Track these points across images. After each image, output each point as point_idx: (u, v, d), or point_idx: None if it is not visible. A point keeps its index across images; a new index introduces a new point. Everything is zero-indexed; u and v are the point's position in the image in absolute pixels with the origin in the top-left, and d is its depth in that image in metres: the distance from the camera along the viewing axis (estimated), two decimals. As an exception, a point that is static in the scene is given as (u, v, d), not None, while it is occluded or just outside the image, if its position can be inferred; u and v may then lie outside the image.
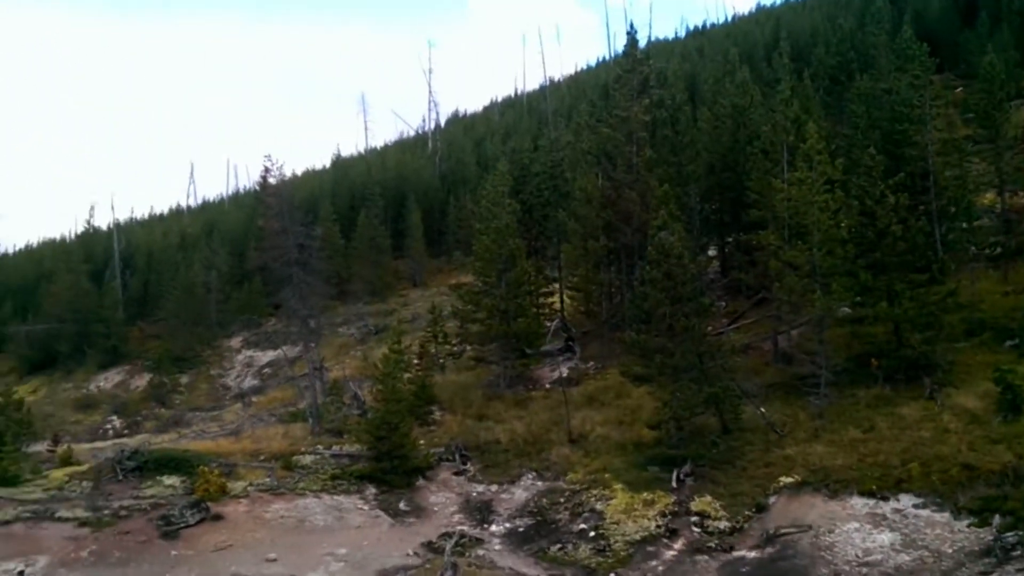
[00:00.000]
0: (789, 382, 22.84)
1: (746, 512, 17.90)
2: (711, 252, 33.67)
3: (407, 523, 19.59)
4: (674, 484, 19.18)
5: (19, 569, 16.14)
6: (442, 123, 71.04)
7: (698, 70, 53.66)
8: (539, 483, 21.22)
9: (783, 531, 16.86)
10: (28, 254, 65.73)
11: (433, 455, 23.09)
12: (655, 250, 21.04)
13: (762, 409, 21.18)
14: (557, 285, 32.71)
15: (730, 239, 32.41)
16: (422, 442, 23.79)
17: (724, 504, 18.27)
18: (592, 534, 17.91)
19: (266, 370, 41.55)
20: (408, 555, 16.90)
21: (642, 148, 28.90)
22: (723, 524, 17.69)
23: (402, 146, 70.62)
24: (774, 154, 25.37)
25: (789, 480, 18.29)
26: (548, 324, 30.93)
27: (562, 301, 32.46)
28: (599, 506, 19.00)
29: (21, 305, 52.41)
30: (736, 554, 16.68)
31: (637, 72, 29.72)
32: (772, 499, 18.04)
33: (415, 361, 28.76)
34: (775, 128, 25.84)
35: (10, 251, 65.17)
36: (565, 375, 27.24)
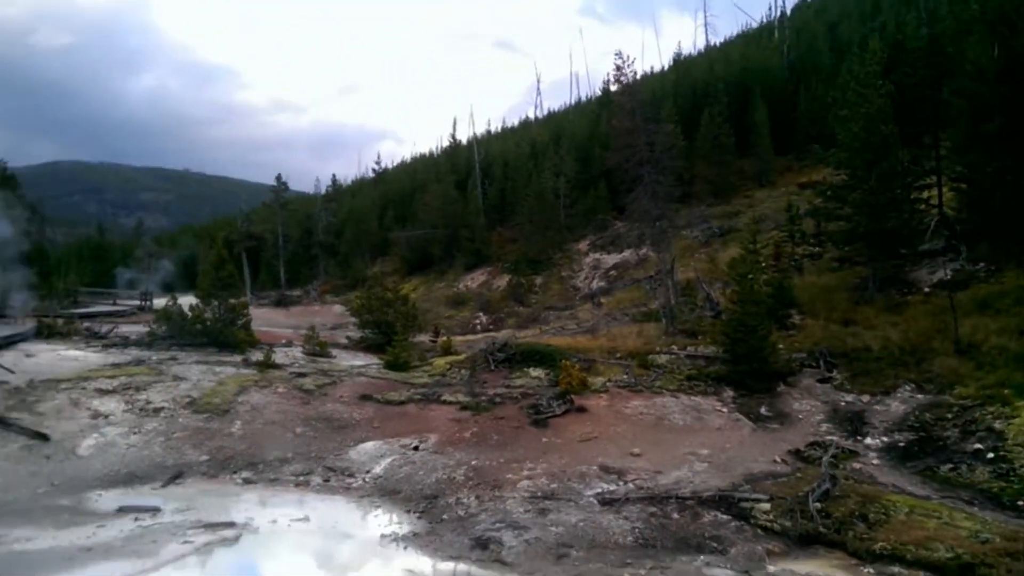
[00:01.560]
0: None
1: None
2: None
3: (769, 429, 18.79)
4: (1099, 406, 16.06)
5: (414, 444, 17.98)
6: (788, 11, 65.67)
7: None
8: (919, 396, 19.05)
9: None
10: (404, 168, 74.03)
11: (794, 360, 21.85)
12: (1083, 126, 17.23)
13: None
14: (935, 177, 28.69)
15: None
16: (781, 346, 22.62)
17: None
18: (990, 455, 15.61)
19: (612, 272, 42.50)
20: (775, 462, 16.13)
21: (1056, 5, 23.67)
22: None
23: (745, 39, 66.87)
24: None
25: None
26: (926, 221, 27.41)
27: (940, 194, 28.48)
28: (998, 425, 16.49)
29: (401, 214, 59.35)
30: None
31: (1053, -90, 24.20)
32: None
33: (771, 262, 27.33)
34: None
35: (390, 166, 73.73)
36: (948, 277, 24.01)
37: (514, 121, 78.56)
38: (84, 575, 10.66)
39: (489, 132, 72.71)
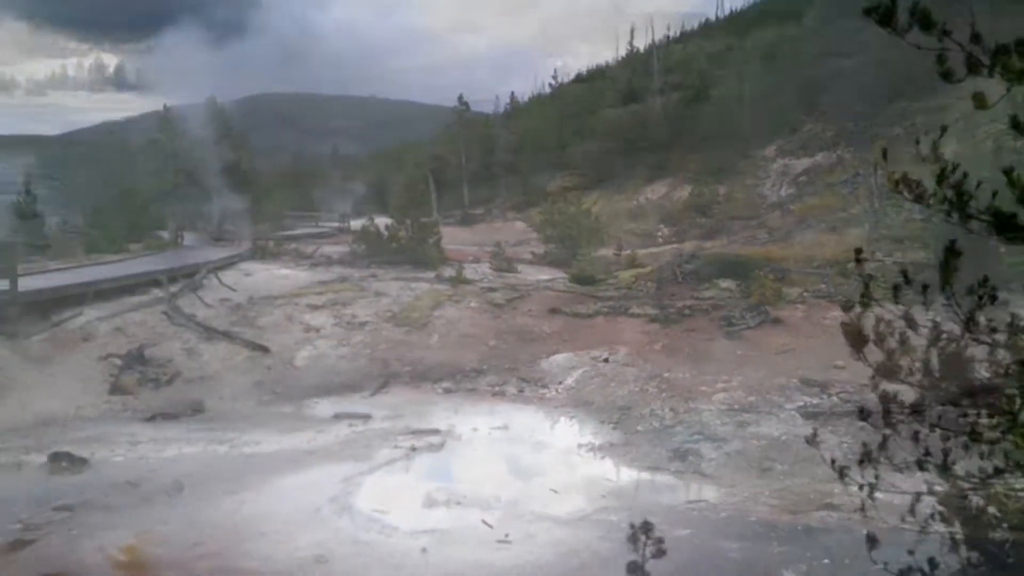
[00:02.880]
0: None
1: None
2: None
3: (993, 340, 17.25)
4: None
5: (604, 357, 18.06)
6: None
7: None
8: None
9: None
10: (581, 82, 72.72)
11: (1021, 265, 19.80)
12: None
13: None
14: None
15: None
16: (1003, 250, 20.51)
17: None
18: None
19: (802, 178, 40.11)
20: (998, 374, 14.84)
21: None
22: None
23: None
24: None
25: None
26: None
27: None
28: None
29: (579, 128, 58.63)
30: None
31: None
32: None
33: (991, 159, 24.68)
34: None
35: (566, 81, 72.67)
36: None
37: (694, 25, 74.51)
38: (310, 476, 11.54)
39: (668, 38, 69.64)
